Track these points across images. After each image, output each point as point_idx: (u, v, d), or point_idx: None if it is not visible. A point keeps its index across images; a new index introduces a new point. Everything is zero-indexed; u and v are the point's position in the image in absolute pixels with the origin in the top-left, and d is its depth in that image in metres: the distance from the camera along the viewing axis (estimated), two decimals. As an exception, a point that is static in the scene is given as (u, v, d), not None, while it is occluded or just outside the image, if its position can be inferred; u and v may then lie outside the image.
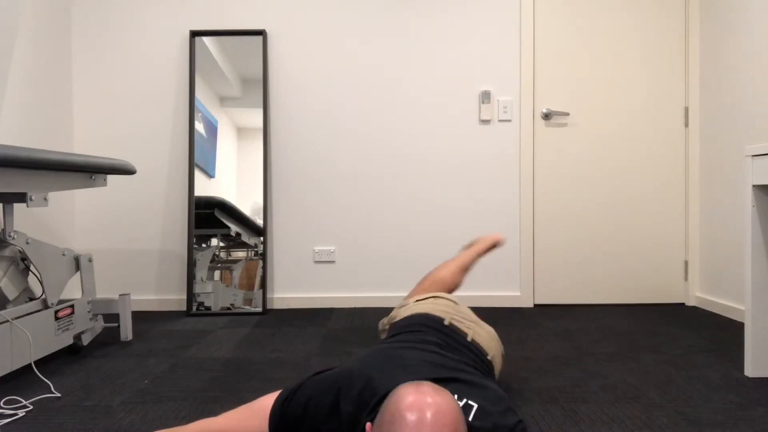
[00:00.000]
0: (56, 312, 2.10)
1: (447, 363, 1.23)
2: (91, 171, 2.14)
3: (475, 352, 1.46)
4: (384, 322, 1.81)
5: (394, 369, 1.16)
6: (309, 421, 1.16)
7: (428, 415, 0.89)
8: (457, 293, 3.13)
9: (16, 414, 1.61)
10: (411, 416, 0.89)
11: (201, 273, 3.01)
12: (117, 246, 3.15)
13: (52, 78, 2.94)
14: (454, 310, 1.62)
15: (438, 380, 1.14)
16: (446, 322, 1.52)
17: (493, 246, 2.21)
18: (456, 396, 1.09)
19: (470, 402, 1.08)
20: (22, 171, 1.87)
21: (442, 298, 1.72)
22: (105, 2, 3.12)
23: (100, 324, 2.39)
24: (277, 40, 3.13)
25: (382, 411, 0.94)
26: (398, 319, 1.64)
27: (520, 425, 1.05)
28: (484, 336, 1.55)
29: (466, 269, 2.10)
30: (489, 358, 1.50)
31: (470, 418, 1.05)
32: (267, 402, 1.22)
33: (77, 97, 3.14)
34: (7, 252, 2.06)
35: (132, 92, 3.14)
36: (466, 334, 1.51)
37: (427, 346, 1.34)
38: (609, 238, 3.15)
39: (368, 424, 0.99)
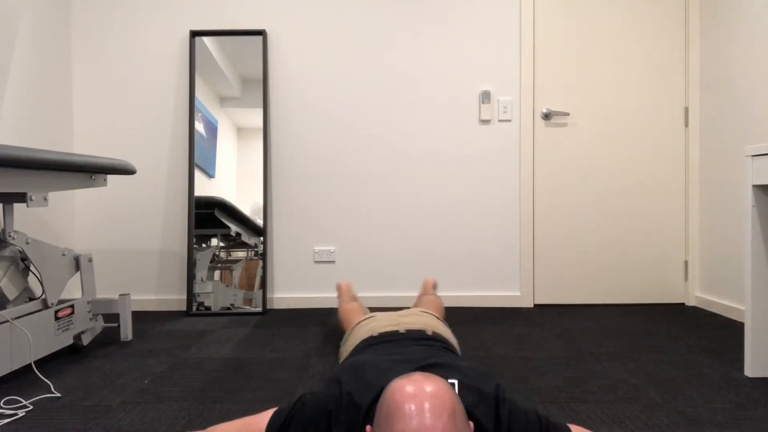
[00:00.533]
0: (56, 312, 2.10)
1: (413, 356, 1.27)
2: (91, 171, 2.15)
3: (416, 337, 1.51)
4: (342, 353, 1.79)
5: (369, 376, 1.15)
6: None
7: (425, 402, 0.90)
8: (457, 293, 3.13)
9: (16, 414, 1.61)
10: (409, 406, 0.89)
11: (201, 273, 3.01)
12: (117, 246, 3.15)
13: (52, 78, 2.94)
14: (375, 323, 1.67)
15: (416, 369, 1.17)
16: (401, 330, 1.57)
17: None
18: None
19: (451, 381, 1.13)
20: (22, 171, 1.87)
21: (361, 322, 1.78)
22: (105, 2, 3.12)
23: (100, 324, 2.39)
24: (277, 40, 3.13)
25: (379, 409, 0.94)
26: (356, 343, 1.63)
27: (500, 389, 1.11)
28: (415, 320, 1.64)
29: None
30: (430, 332, 1.57)
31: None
32: (263, 423, 1.19)
33: (77, 97, 3.14)
34: (7, 252, 2.06)
35: (132, 92, 3.14)
36: (424, 330, 1.58)
37: (393, 348, 1.39)
38: (609, 238, 3.15)
39: (368, 427, 0.98)
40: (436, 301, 2.26)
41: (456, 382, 1.12)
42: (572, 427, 1.15)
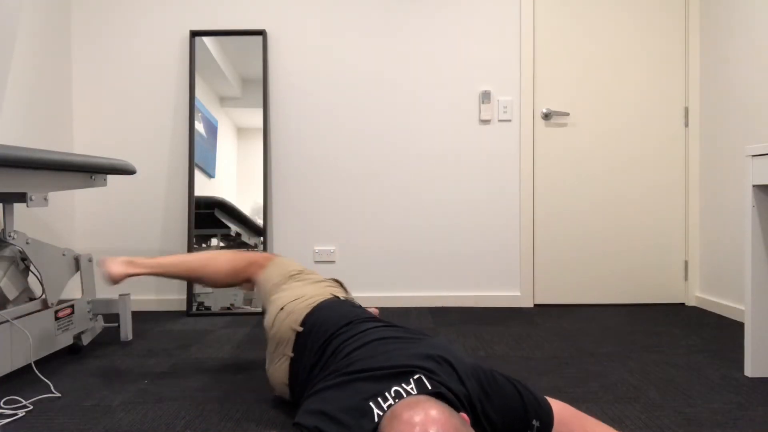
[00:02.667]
0: (56, 312, 2.10)
1: (366, 360, 1.23)
2: (91, 171, 2.15)
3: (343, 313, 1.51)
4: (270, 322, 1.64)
5: (344, 419, 1.10)
6: None
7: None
8: (457, 293, 3.13)
9: (16, 414, 1.61)
10: None
11: (201, 273, 3.01)
12: (117, 246, 3.15)
13: (52, 78, 2.94)
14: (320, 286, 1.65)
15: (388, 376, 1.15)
16: (342, 297, 1.58)
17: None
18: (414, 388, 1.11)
19: (416, 376, 1.13)
20: (22, 171, 1.87)
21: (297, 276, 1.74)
22: (105, 2, 3.12)
23: (100, 324, 2.39)
24: (277, 40, 3.13)
25: None
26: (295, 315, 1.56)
27: (460, 370, 1.14)
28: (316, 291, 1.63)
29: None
30: (331, 297, 1.58)
31: (430, 387, 1.10)
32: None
33: (77, 97, 3.14)
34: (7, 252, 2.06)
35: (132, 92, 3.14)
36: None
37: (351, 355, 1.31)
38: (609, 238, 3.15)
39: None
40: (199, 260, 1.88)
41: (421, 376, 1.13)
42: (552, 401, 1.15)
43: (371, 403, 1.09)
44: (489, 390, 1.12)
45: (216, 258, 1.84)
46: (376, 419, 1.05)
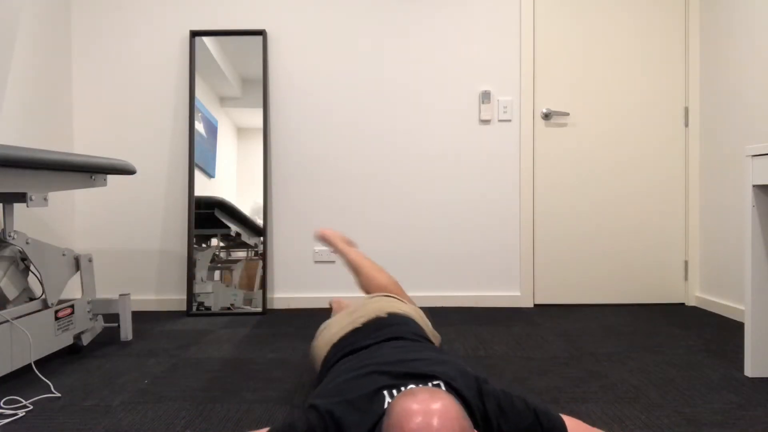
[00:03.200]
0: (56, 312, 2.10)
1: (390, 367, 1.22)
2: (91, 171, 2.15)
3: (399, 322, 1.50)
4: (319, 346, 1.67)
5: (357, 403, 1.11)
6: None
7: (434, 420, 0.89)
8: (457, 293, 3.13)
9: (16, 414, 1.61)
10: (416, 425, 0.88)
11: (201, 273, 3.01)
12: (117, 246, 3.15)
13: (52, 78, 2.94)
14: (352, 316, 1.63)
15: (405, 376, 1.14)
16: (359, 326, 1.55)
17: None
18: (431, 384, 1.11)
19: (435, 382, 1.13)
20: (22, 171, 1.87)
21: (329, 323, 1.74)
22: (105, 2, 3.12)
23: (100, 324, 2.39)
24: (277, 40, 3.14)
25: (384, 429, 0.94)
26: (321, 356, 1.58)
27: (481, 382, 1.13)
28: (367, 310, 1.60)
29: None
30: (384, 315, 1.56)
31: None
32: None
33: (77, 97, 3.14)
34: (7, 252, 2.06)
35: (132, 92, 3.14)
36: (380, 317, 1.55)
37: (362, 360, 1.31)
38: (609, 238, 3.15)
39: None
40: (370, 266, 2.06)
41: (441, 383, 1.12)
42: (565, 418, 1.15)
43: (385, 392, 1.10)
44: (506, 408, 1.12)
45: (383, 271, 2.11)
46: (386, 406, 1.06)
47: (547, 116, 3.12)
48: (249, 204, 3.06)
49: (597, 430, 1.17)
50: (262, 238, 3.07)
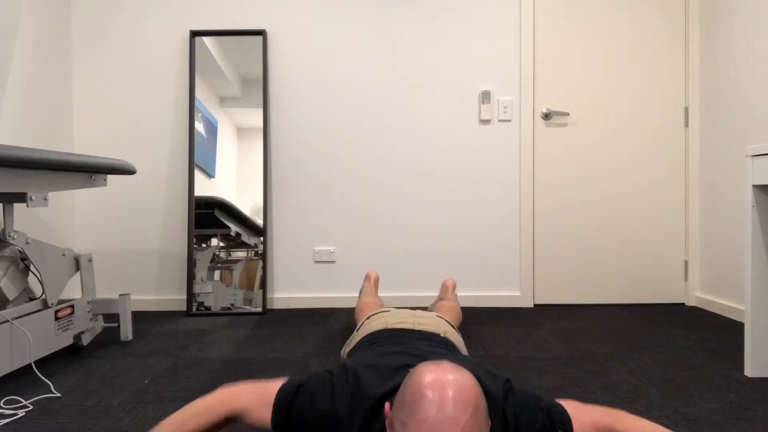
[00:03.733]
0: (56, 312, 2.10)
1: (422, 352, 1.30)
2: (91, 171, 2.15)
3: (428, 337, 1.53)
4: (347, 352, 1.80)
5: (382, 369, 1.18)
6: (313, 417, 1.15)
7: (450, 391, 0.89)
8: (457, 293, 3.13)
9: (16, 414, 1.61)
10: (432, 394, 0.89)
11: (201, 273, 3.01)
12: (117, 246, 3.15)
13: (52, 78, 2.94)
14: (389, 317, 1.70)
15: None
16: (414, 328, 1.61)
17: None
18: None
19: None
20: (22, 171, 1.87)
21: (375, 314, 1.84)
22: (105, 2, 3.12)
23: (100, 324, 2.39)
24: (277, 40, 3.14)
25: (402, 390, 0.94)
26: (368, 333, 1.67)
27: (508, 386, 1.14)
28: (430, 321, 1.67)
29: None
30: (443, 335, 1.60)
31: None
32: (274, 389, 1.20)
33: (77, 97, 3.14)
34: (7, 252, 2.06)
35: (132, 92, 3.14)
36: (437, 333, 1.61)
37: (402, 343, 1.43)
38: (609, 238, 3.15)
39: (387, 404, 0.99)
40: (455, 307, 2.26)
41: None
42: (567, 404, 1.15)
43: (411, 369, 1.12)
44: (516, 404, 1.13)
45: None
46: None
47: (547, 116, 3.12)
48: (249, 204, 3.06)
49: (591, 407, 1.17)
50: (262, 238, 3.06)
